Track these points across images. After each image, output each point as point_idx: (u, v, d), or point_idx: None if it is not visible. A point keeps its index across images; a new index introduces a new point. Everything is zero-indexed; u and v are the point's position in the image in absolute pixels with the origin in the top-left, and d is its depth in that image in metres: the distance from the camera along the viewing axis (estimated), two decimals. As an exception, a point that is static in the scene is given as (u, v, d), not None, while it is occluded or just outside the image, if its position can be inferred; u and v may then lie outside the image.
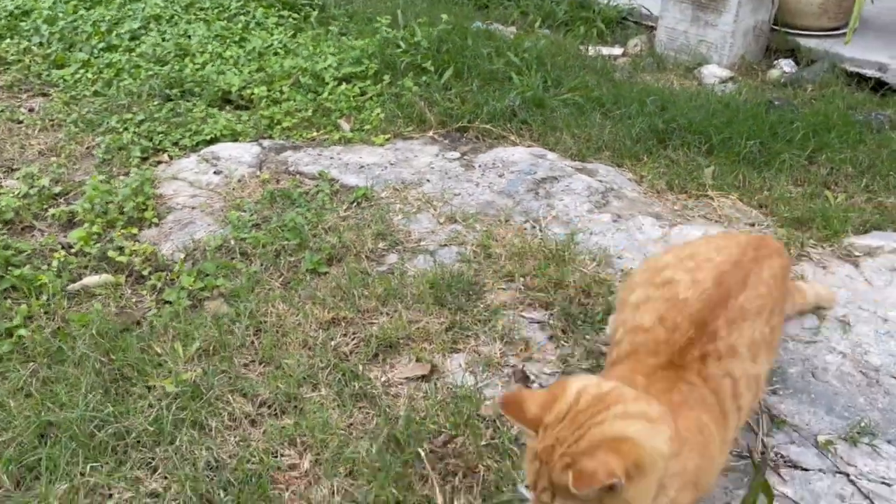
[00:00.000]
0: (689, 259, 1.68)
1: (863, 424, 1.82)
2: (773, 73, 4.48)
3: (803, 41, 4.53)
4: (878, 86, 4.13)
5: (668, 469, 1.26)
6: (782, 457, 1.76)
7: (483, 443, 1.80)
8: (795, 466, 1.74)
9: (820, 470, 1.73)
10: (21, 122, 3.56)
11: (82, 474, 1.71)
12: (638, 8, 5.12)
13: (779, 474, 1.72)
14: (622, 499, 1.20)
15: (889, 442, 1.80)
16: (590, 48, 4.66)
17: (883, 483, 1.70)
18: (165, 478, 1.74)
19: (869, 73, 4.20)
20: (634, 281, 1.78)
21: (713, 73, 4.43)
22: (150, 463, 1.78)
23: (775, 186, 2.91)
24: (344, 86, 3.78)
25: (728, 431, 1.50)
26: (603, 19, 5.07)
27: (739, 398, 1.51)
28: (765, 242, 1.75)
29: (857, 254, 2.46)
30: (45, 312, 2.23)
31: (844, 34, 4.21)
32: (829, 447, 1.78)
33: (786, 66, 4.51)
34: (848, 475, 1.71)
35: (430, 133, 3.40)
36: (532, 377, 2.02)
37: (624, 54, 4.83)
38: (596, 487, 1.16)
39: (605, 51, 4.78)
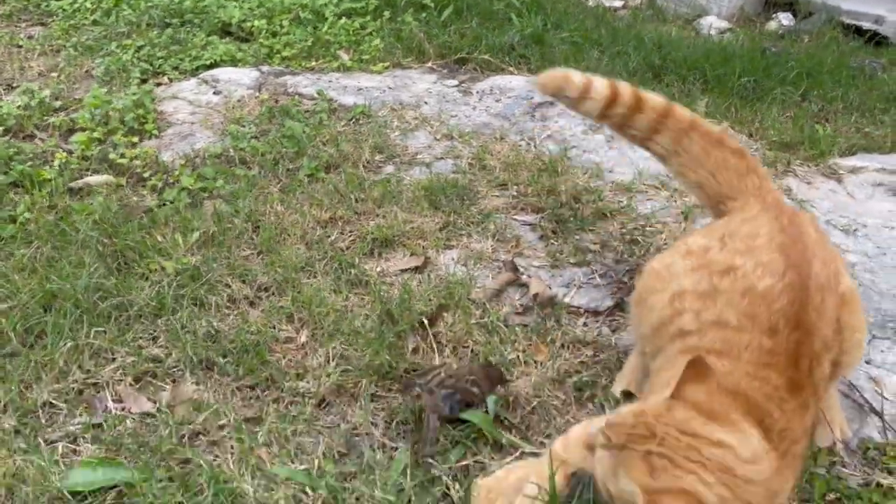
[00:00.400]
0: (730, 238, 1.44)
1: (840, 310, 1.88)
2: (771, 25, 4.53)
3: (802, -6, 4.58)
4: (874, 39, 4.19)
5: None
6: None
7: (473, 321, 1.86)
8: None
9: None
10: (20, 46, 3.58)
11: (87, 336, 1.76)
12: (638, -39, 5.14)
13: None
14: None
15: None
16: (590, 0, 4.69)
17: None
18: (166, 346, 1.80)
19: (866, 25, 4.25)
20: (672, 272, 1.48)
21: (712, 24, 4.47)
22: (152, 334, 1.84)
23: (767, 117, 2.96)
24: (343, 20, 3.81)
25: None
26: (603, -29, 5.09)
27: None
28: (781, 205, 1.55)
29: (841, 172, 2.52)
30: (49, 205, 2.28)
31: (842, -14, 4.25)
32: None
33: (784, 18, 4.56)
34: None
35: (429, 64, 3.44)
36: (521, 269, 2.07)
37: (624, 6, 4.86)
38: None
39: (606, 2, 4.82)
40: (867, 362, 1.76)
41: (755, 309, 1.30)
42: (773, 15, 4.58)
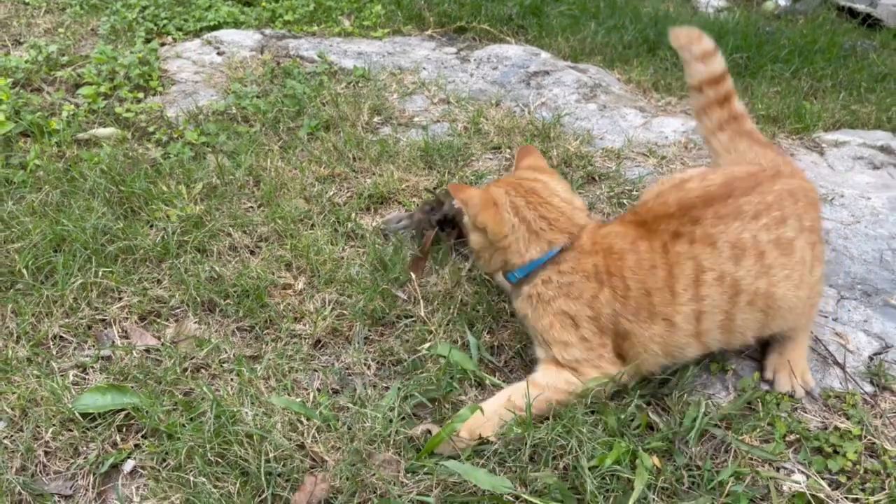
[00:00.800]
0: (710, 174, 1.70)
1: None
2: (768, 6, 4.58)
3: (798, -24, 4.63)
4: (867, 21, 4.25)
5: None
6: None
7: (463, 274, 1.95)
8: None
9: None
10: (27, 4, 3.63)
11: (95, 276, 1.85)
12: (640, -62, 5.18)
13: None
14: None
15: (830, 286, 1.96)
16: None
17: (820, 315, 1.87)
18: (170, 288, 1.89)
19: (861, 7, 4.31)
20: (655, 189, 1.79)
21: (709, 1, 4.53)
22: (157, 276, 1.93)
23: (756, 92, 3.04)
24: (346, -13, 3.86)
25: (674, 311, 1.53)
26: (605, -53, 5.13)
27: (702, 288, 1.52)
28: (787, 163, 1.75)
29: (823, 145, 2.61)
30: (57, 153, 2.35)
31: (838, -33, 4.31)
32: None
33: (780, -1, 4.61)
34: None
35: (429, 32, 3.50)
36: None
37: (623, -18, 4.90)
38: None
39: (605, -22, 4.86)
40: (834, 319, 1.86)
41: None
42: (771, -5, 4.63)
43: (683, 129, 2.71)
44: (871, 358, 1.75)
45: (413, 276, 1.91)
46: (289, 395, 1.62)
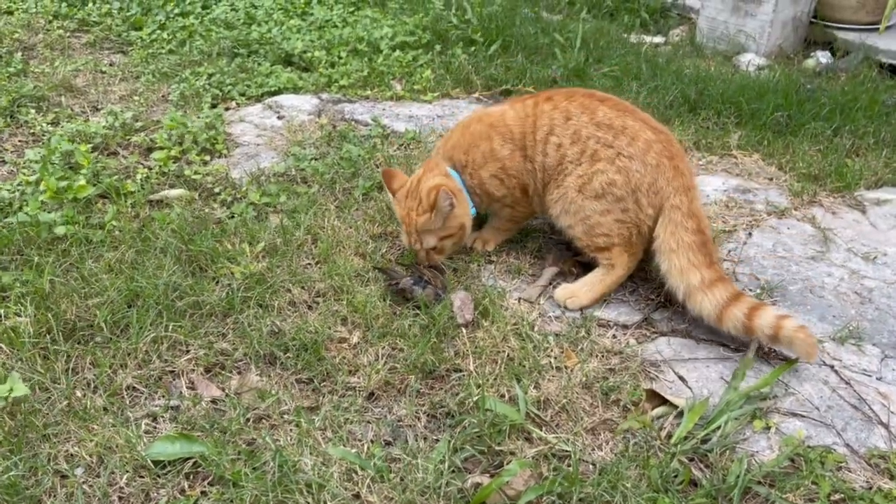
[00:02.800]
0: None
1: (850, 328, 2.01)
2: (809, 63, 4.63)
3: (841, 34, 4.69)
4: (912, 77, 4.26)
5: (473, 182, 2.32)
6: (774, 351, 1.97)
7: (508, 328, 2.04)
8: (784, 359, 1.94)
9: (806, 362, 1.93)
10: (104, 72, 3.92)
11: (165, 330, 1.99)
12: (681, 0, 5.32)
13: (769, 363, 1.93)
14: (458, 217, 2.22)
15: (874, 344, 1.99)
16: (633, 36, 4.87)
17: (864, 374, 1.89)
18: (234, 342, 2.01)
19: (902, 63, 4.33)
20: None
21: (750, 60, 4.60)
22: (221, 330, 2.06)
23: (797, 150, 3.09)
24: (397, 53, 4.06)
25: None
26: (647, 9, 5.29)
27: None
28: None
29: (865, 203, 2.64)
30: (133, 214, 2.54)
31: (882, 27, 4.36)
32: (819, 344, 1.96)
33: (822, 56, 4.66)
34: (832, 367, 1.91)
35: (476, 94, 3.66)
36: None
37: (665, 42, 5.03)
38: (444, 198, 2.14)
39: (648, 39, 4.99)
40: (878, 378, 1.88)
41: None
42: (811, 53, 4.69)
43: (724, 187, 2.78)
44: (916, 418, 1.76)
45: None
46: (344, 445, 1.72)
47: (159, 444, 1.68)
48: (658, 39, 5.07)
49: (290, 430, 1.76)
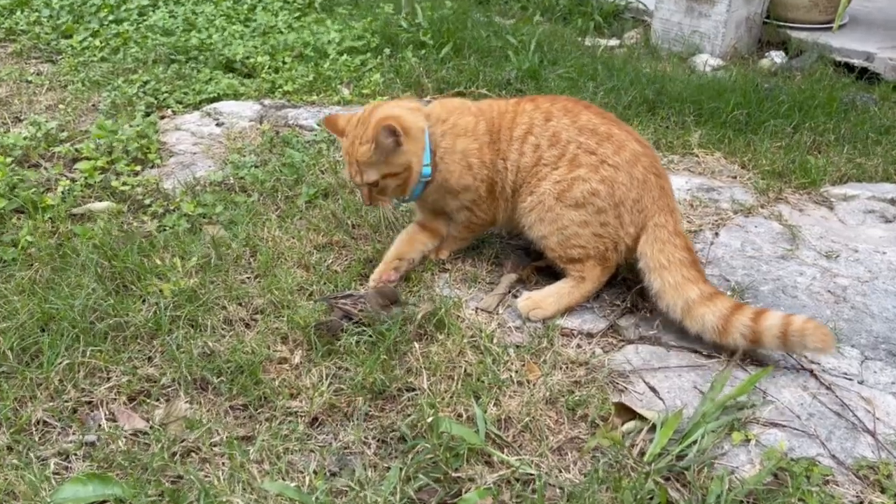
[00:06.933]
0: None
1: (829, 330, 1.89)
2: (764, 63, 4.60)
3: (794, 34, 4.67)
4: (865, 75, 4.25)
5: (441, 148, 2.07)
6: (749, 357, 1.84)
7: (465, 341, 1.87)
8: (760, 364, 1.81)
9: (784, 367, 1.80)
10: (30, 82, 3.67)
11: (82, 356, 1.78)
12: (635, 3, 5.27)
13: (745, 369, 1.79)
14: (404, 154, 1.99)
15: (853, 346, 1.87)
16: (587, 40, 4.79)
17: (844, 377, 1.77)
18: (161, 366, 1.81)
19: (857, 62, 4.32)
20: None
21: (706, 61, 4.55)
22: (147, 354, 1.85)
23: (759, 148, 3.00)
24: (345, 57, 3.90)
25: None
26: (600, 13, 5.21)
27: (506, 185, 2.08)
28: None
29: (832, 199, 2.55)
30: (51, 230, 2.31)
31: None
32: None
33: (776, 57, 4.63)
34: (811, 371, 1.78)
35: (427, 98, 3.51)
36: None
37: (620, 45, 4.95)
38: (385, 135, 1.94)
39: (603, 42, 4.92)
40: (860, 382, 1.76)
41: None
42: (766, 53, 4.66)
43: (688, 186, 2.67)
44: (902, 423, 1.64)
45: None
46: (283, 478, 1.53)
47: (69, 486, 1.47)
48: (613, 42, 4.99)
49: (223, 463, 1.57)
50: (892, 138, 3.14)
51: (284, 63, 3.87)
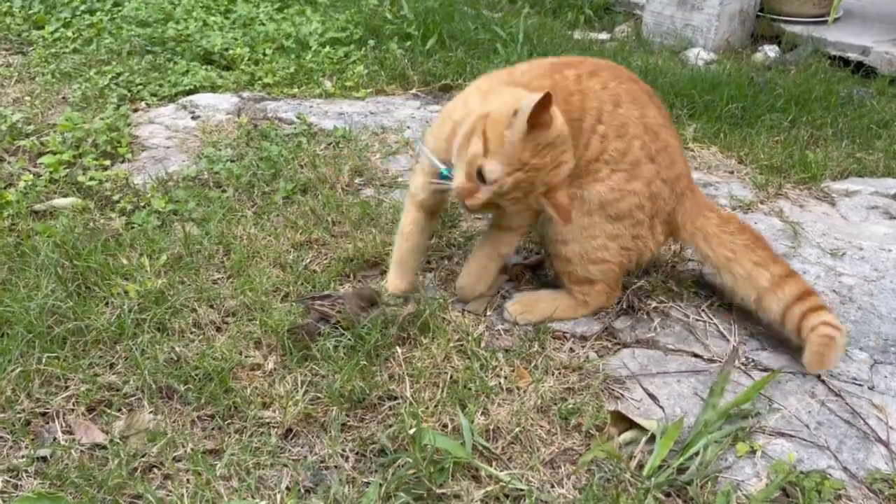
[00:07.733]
0: None
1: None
2: (758, 57, 4.51)
3: (788, 27, 4.59)
4: (860, 70, 4.17)
5: None
6: (753, 361, 1.73)
7: (451, 345, 1.75)
8: (766, 369, 1.70)
9: (790, 372, 1.69)
10: (-3, 73, 3.51)
11: (38, 363, 1.65)
12: (626, -5, 5.18)
13: (749, 375, 1.68)
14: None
15: (861, 349, 1.77)
16: (577, 33, 4.68)
17: (854, 383, 1.67)
18: (124, 373, 1.68)
19: (852, 56, 4.24)
20: None
21: (698, 54, 4.45)
22: (109, 360, 1.72)
23: (756, 142, 2.90)
24: (327, 49, 3.77)
25: None
26: (591, 6, 5.11)
27: None
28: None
29: (833, 195, 2.45)
30: (11, 228, 2.17)
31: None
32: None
33: (770, 51, 4.55)
34: (819, 376, 1.68)
35: (413, 90, 3.39)
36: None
37: (611, 39, 4.85)
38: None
39: (593, 35, 4.81)
40: (870, 388, 1.66)
41: None
42: (759, 47, 4.57)
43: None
44: (917, 432, 1.54)
45: None
46: (252, 496, 1.40)
47: (16, 507, 1.34)
48: (603, 36, 4.89)
49: (187, 480, 1.44)
50: (891, 132, 3.05)
51: (265, 55, 3.73)
